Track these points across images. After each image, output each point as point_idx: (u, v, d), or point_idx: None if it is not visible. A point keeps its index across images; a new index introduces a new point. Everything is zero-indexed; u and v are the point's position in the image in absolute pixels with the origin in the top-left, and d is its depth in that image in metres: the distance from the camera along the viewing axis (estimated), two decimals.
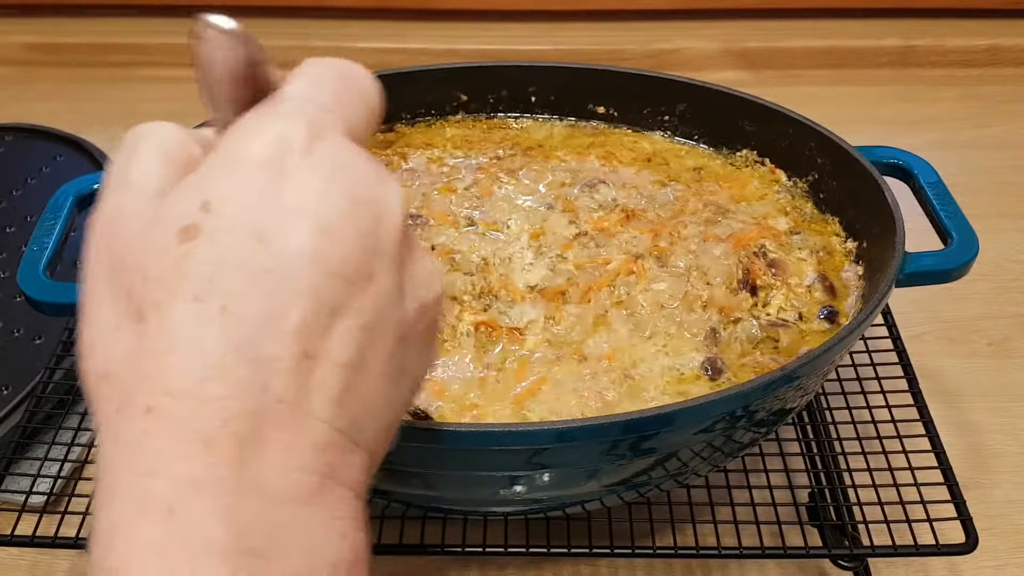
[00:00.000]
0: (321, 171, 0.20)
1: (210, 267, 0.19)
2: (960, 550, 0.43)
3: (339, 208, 0.20)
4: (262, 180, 0.20)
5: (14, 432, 0.49)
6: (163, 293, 0.19)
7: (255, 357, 0.18)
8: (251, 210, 0.19)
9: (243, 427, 0.17)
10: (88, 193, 0.50)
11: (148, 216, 0.20)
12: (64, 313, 0.47)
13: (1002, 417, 0.55)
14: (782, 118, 0.54)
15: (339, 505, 0.19)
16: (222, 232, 0.19)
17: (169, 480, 0.17)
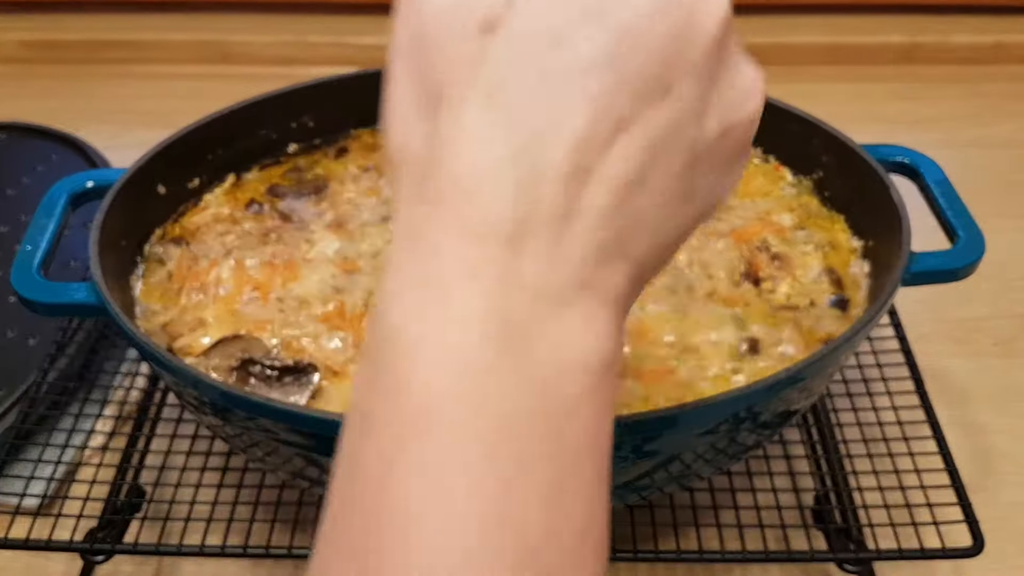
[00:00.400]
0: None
1: (505, 67, 0.19)
2: (966, 553, 0.42)
3: (644, 9, 0.19)
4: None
5: (8, 434, 0.49)
6: (458, 86, 0.19)
7: (534, 162, 0.18)
8: (553, 9, 0.19)
9: (513, 226, 0.18)
10: (82, 191, 0.50)
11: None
12: (58, 313, 0.46)
13: (1008, 418, 0.54)
14: (787, 115, 0.54)
15: (597, 310, 0.19)
16: (521, 31, 0.19)
17: (447, 260, 0.18)
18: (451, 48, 0.19)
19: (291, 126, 0.58)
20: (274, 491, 0.47)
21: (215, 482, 0.47)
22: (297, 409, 0.37)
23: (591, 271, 0.19)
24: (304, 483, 0.42)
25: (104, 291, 0.42)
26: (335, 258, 0.50)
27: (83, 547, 0.43)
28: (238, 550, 0.43)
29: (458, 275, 0.18)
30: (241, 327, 0.45)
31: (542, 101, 0.19)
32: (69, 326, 0.54)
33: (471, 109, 0.19)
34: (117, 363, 0.55)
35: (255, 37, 0.90)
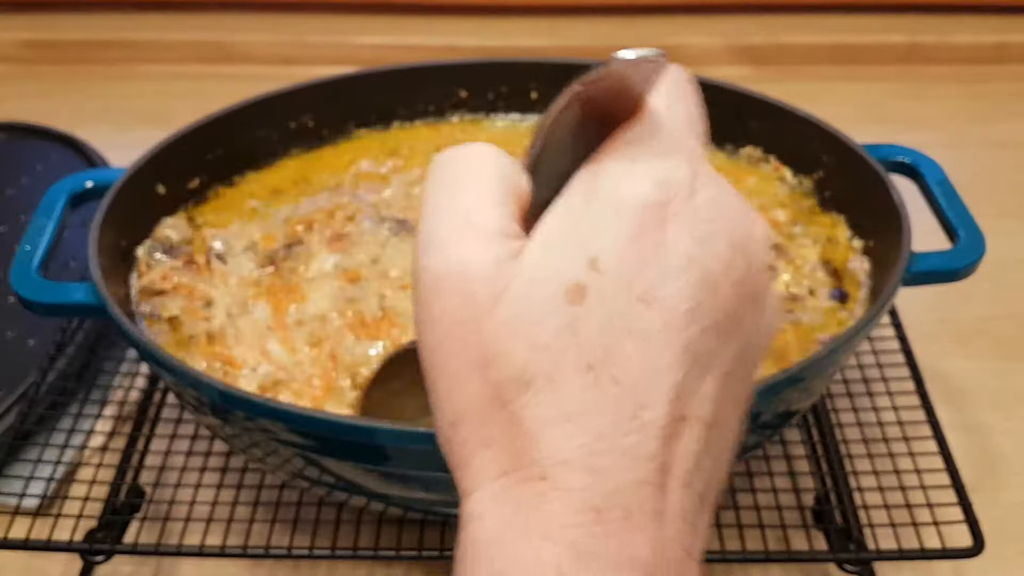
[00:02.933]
0: (702, 216, 0.19)
1: (602, 335, 0.18)
2: (966, 554, 0.42)
3: (719, 257, 0.19)
4: (647, 230, 0.18)
5: (7, 434, 0.49)
6: (551, 361, 0.18)
7: (641, 424, 0.18)
8: (637, 266, 0.18)
9: (629, 498, 0.18)
10: (81, 191, 0.50)
11: (510, 271, 0.19)
12: (57, 313, 0.46)
13: (1010, 419, 0.54)
14: (787, 115, 0.54)
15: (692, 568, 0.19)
16: (613, 294, 0.18)
17: (561, 546, 0.17)
18: (534, 328, 0.18)
19: (291, 126, 0.58)
20: (274, 491, 0.46)
21: (215, 482, 0.47)
22: (296, 410, 0.37)
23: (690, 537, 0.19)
24: (304, 483, 0.42)
25: (103, 291, 0.42)
26: (335, 272, 0.49)
27: (82, 547, 0.43)
28: (238, 550, 0.43)
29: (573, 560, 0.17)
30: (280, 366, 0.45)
31: (643, 359, 0.18)
32: (68, 326, 0.54)
33: (574, 384, 0.18)
34: (116, 363, 0.55)
35: (255, 37, 0.90)
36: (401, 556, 0.43)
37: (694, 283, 0.18)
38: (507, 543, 0.18)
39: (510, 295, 0.18)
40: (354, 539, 0.44)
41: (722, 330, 0.19)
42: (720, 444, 0.20)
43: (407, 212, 0.53)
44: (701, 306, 0.18)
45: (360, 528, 0.45)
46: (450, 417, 0.19)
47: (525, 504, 0.18)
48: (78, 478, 0.48)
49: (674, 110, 0.21)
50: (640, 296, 0.18)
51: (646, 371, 0.18)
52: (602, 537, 0.17)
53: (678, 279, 0.18)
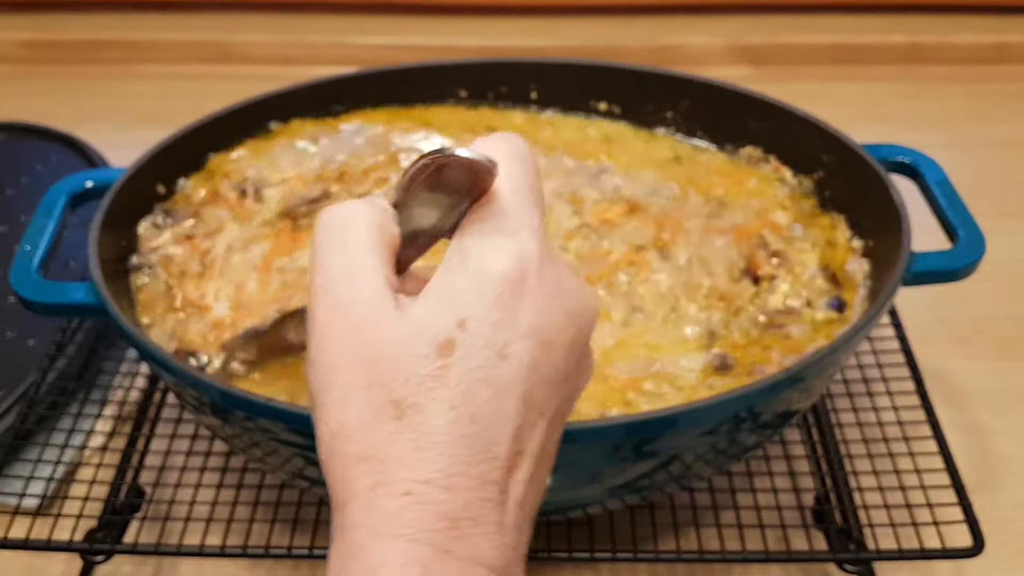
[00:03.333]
0: (547, 289, 0.23)
1: (465, 382, 0.22)
2: (966, 554, 0.42)
3: (558, 324, 0.23)
4: (507, 298, 0.23)
5: (7, 434, 0.49)
6: (422, 397, 0.22)
7: (490, 456, 0.22)
8: (497, 328, 0.23)
9: (477, 511, 0.22)
10: (81, 191, 0.50)
11: (393, 317, 0.23)
12: (57, 313, 0.46)
13: (1010, 419, 0.54)
14: (787, 115, 0.54)
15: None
16: (475, 349, 0.22)
17: (425, 545, 0.21)
18: (414, 369, 0.23)
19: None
20: (273, 491, 0.47)
21: (214, 482, 0.47)
22: (296, 409, 0.37)
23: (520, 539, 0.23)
24: (304, 483, 0.42)
25: (103, 291, 0.42)
26: None
27: (82, 547, 0.43)
28: (237, 550, 0.43)
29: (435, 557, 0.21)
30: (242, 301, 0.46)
31: (495, 404, 0.22)
32: (68, 326, 0.54)
33: (438, 419, 0.22)
34: (116, 363, 0.55)
35: (255, 37, 0.90)
36: None
37: (537, 344, 0.23)
38: (378, 545, 0.22)
39: (395, 337, 0.23)
40: None
41: (553, 383, 0.24)
42: (543, 471, 0.24)
43: None
44: (540, 363, 0.23)
45: None
46: (334, 428, 0.23)
47: (393, 514, 0.22)
48: (78, 478, 0.48)
49: (519, 191, 0.24)
50: (499, 353, 0.23)
51: (498, 414, 0.22)
52: (457, 540, 0.22)
53: (526, 340, 0.23)
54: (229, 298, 0.47)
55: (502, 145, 0.25)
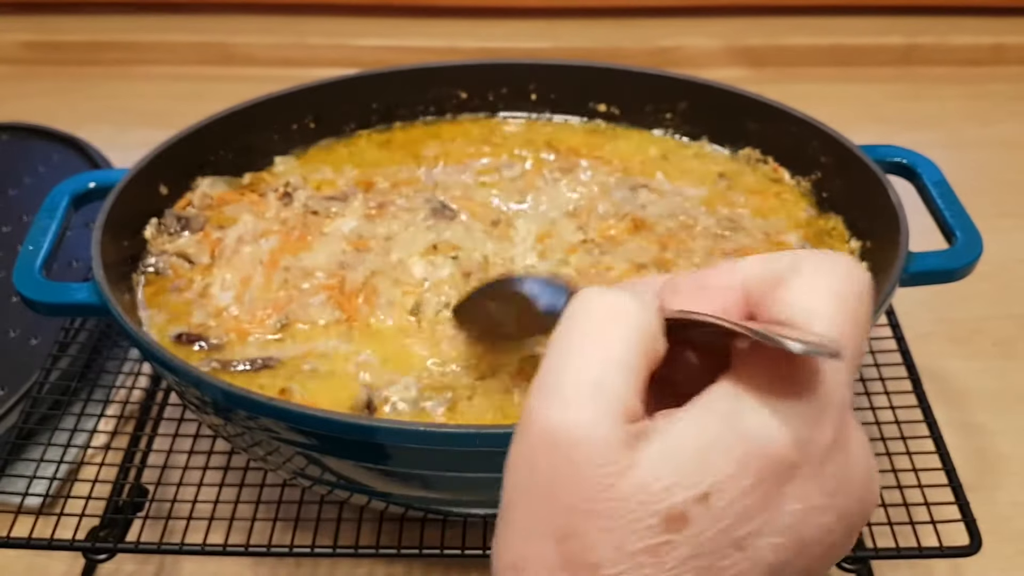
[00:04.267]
0: (826, 489, 0.19)
1: (686, 566, 0.18)
2: (964, 552, 0.42)
3: (824, 527, 0.19)
4: (768, 483, 0.18)
5: (10, 433, 0.49)
6: (631, 572, 0.18)
7: None
8: (744, 514, 0.18)
9: None
10: (84, 192, 0.50)
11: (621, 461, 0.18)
12: (60, 313, 0.47)
13: (1007, 418, 0.54)
14: (785, 116, 0.54)
15: None
16: (709, 530, 0.18)
17: None
18: (627, 536, 0.18)
19: (292, 127, 0.59)
20: (276, 490, 0.47)
21: (217, 481, 0.47)
22: (299, 408, 0.37)
23: None
24: (306, 482, 0.43)
25: (106, 291, 0.42)
26: (350, 235, 0.51)
27: (85, 546, 0.44)
28: (240, 549, 0.43)
29: None
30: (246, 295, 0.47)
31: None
32: (71, 326, 0.54)
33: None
34: (119, 363, 0.55)
35: (256, 38, 0.91)
36: (402, 554, 0.44)
37: (790, 546, 0.19)
38: None
39: (614, 489, 0.18)
40: (355, 537, 0.44)
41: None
42: None
43: (458, 201, 0.54)
44: (787, 564, 0.19)
45: (361, 526, 0.45)
46: (512, 559, 0.20)
47: None
48: (81, 477, 0.49)
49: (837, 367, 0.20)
50: (736, 542, 0.18)
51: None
52: None
53: (777, 537, 0.18)
54: (234, 288, 0.48)
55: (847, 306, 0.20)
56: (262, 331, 0.46)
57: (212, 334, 0.46)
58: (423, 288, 0.48)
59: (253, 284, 0.48)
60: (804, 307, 0.20)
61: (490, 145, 0.59)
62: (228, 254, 0.50)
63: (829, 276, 0.20)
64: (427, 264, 0.49)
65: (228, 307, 0.47)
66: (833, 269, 0.20)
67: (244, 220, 0.52)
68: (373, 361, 0.44)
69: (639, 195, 0.54)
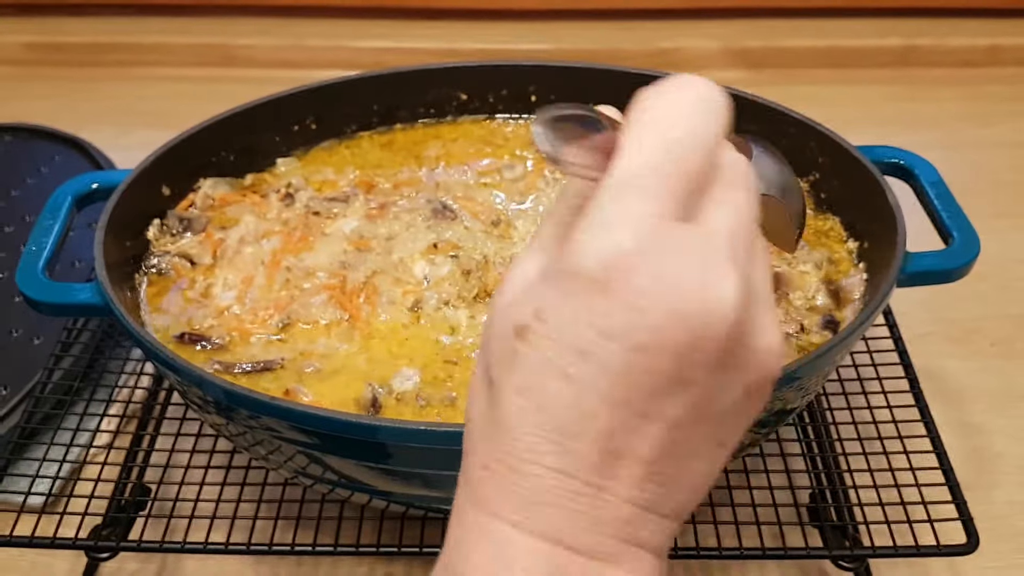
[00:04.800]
0: (642, 292, 0.21)
1: (533, 370, 0.22)
2: (961, 551, 0.42)
3: (656, 327, 0.21)
4: (590, 297, 0.21)
5: (12, 432, 0.49)
6: (500, 374, 0.23)
7: (565, 450, 0.22)
8: (575, 326, 0.21)
9: (553, 499, 0.22)
10: (87, 193, 0.50)
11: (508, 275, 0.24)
12: (63, 313, 0.47)
13: (1004, 418, 0.54)
14: (783, 117, 0.54)
15: (640, 564, 0.23)
16: (548, 341, 0.22)
17: (502, 521, 0.22)
18: (495, 343, 0.23)
19: (294, 128, 0.59)
20: (277, 489, 0.47)
21: (219, 480, 0.48)
22: (301, 407, 0.37)
23: (633, 531, 0.22)
24: (307, 481, 0.43)
25: (108, 291, 0.42)
26: (351, 235, 0.51)
27: (88, 544, 0.44)
28: (241, 547, 0.44)
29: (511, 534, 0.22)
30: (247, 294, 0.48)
31: (569, 399, 0.21)
32: (74, 326, 0.55)
33: (507, 400, 0.22)
34: (122, 362, 0.55)
35: (257, 40, 0.91)
36: (403, 552, 0.44)
37: (625, 348, 0.21)
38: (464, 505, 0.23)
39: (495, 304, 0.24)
40: (356, 535, 0.45)
41: (659, 390, 0.21)
42: (683, 474, 0.23)
43: (459, 201, 0.54)
44: (630, 367, 0.21)
45: (362, 525, 0.45)
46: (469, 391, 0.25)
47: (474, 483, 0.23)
48: (83, 476, 0.49)
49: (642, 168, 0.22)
50: (576, 350, 0.21)
51: (574, 411, 0.22)
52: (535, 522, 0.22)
53: (611, 343, 0.21)
54: (236, 288, 0.48)
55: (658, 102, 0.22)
56: (264, 331, 0.46)
57: (214, 334, 0.46)
58: (423, 287, 0.48)
59: (255, 284, 0.49)
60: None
61: (491, 146, 0.59)
62: (230, 254, 0.50)
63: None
64: (427, 263, 0.49)
65: (230, 307, 0.47)
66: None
67: (246, 221, 0.52)
68: (376, 359, 0.44)
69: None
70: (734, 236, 0.22)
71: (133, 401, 0.53)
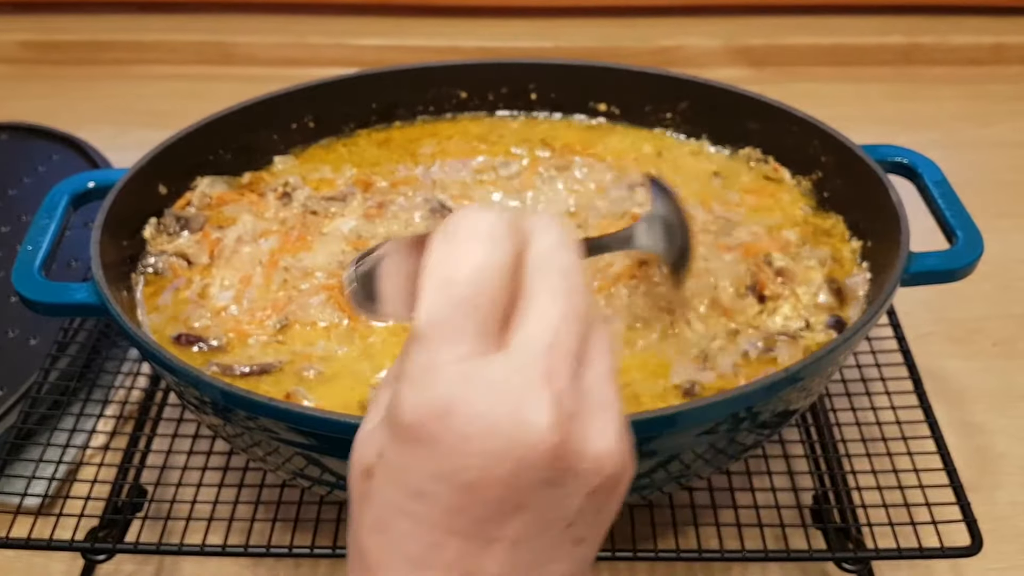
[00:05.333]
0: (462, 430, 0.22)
1: (382, 508, 0.24)
2: (965, 552, 0.42)
3: (477, 466, 0.23)
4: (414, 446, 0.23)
5: (9, 433, 0.49)
6: (357, 512, 0.25)
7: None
8: (408, 470, 0.23)
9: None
10: (83, 192, 0.50)
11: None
12: (59, 313, 0.47)
13: (1007, 418, 0.54)
14: (786, 116, 0.54)
15: None
16: (389, 481, 0.24)
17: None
18: (352, 482, 0.25)
19: (292, 127, 0.59)
20: (275, 490, 0.47)
21: (216, 482, 0.47)
22: (298, 408, 0.37)
23: None
24: (305, 482, 0.42)
25: (105, 291, 0.42)
26: (349, 235, 0.51)
27: (84, 546, 0.44)
28: (239, 549, 0.43)
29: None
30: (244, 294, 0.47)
31: (415, 538, 0.24)
32: (70, 326, 0.54)
33: (366, 536, 0.24)
34: (118, 363, 0.55)
35: (256, 38, 0.91)
36: None
37: (453, 488, 0.23)
38: None
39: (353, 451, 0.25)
40: None
41: (495, 514, 0.23)
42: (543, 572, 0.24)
43: (456, 199, 0.54)
44: (463, 506, 0.23)
45: None
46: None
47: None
48: (80, 477, 0.48)
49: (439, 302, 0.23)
50: (413, 491, 0.23)
51: (421, 545, 0.24)
52: None
53: (439, 484, 0.23)
54: (233, 288, 0.48)
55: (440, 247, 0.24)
56: (262, 332, 0.46)
57: (211, 335, 0.46)
58: None
59: (252, 284, 0.48)
60: None
61: (486, 143, 0.59)
62: (227, 254, 0.50)
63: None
64: None
65: (227, 307, 0.47)
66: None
67: (243, 220, 0.52)
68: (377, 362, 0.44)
69: (636, 194, 0.54)
70: (550, 348, 0.23)
71: (130, 402, 0.53)
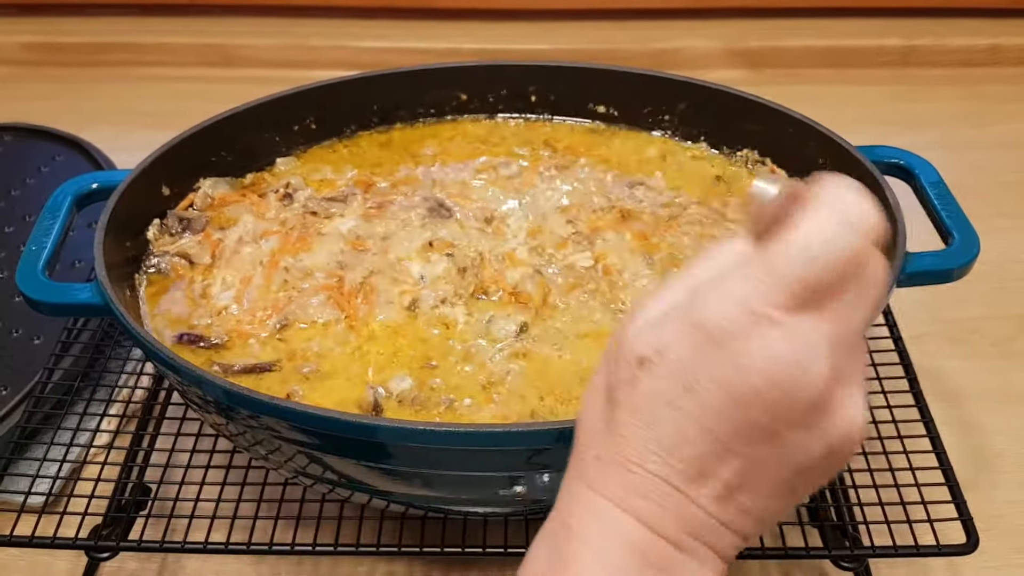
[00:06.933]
0: (748, 355, 0.25)
1: (648, 395, 0.26)
2: (961, 550, 0.42)
3: (754, 387, 0.25)
4: (706, 347, 0.26)
5: (12, 432, 0.49)
6: (620, 396, 0.27)
7: (665, 462, 0.26)
8: (689, 366, 0.26)
9: (650, 494, 0.27)
10: (87, 192, 0.50)
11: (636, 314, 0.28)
12: (63, 313, 0.47)
13: (1003, 417, 0.55)
14: (783, 117, 0.54)
15: (710, 561, 0.27)
16: (664, 373, 0.26)
17: (607, 500, 0.27)
18: (620, 364, 0.27)
19: (294, 128, 0.59)
20: (277, 488, 0.47)
21: (219, 480, 0.48)
22: (301, 407, 0.37)
23: (707, 535, 0.27)
24: (307, 481, 0.43)
25: (109, 291, 0.42)
26: (347, 235, 0.52)
27: (88, 544, 0.44)
28: (241, 547, 0.44)
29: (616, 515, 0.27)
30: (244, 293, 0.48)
31: (674, 423, 0.26)
32: (74, 326, 0.55)
33: (624, 417, 0.27)
34: (122, 362, 0.55)
35: (258, 40, 0.91)
36: (403, 552, 0.44)
37: (725, 394, 0.25)
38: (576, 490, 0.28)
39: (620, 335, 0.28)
40: (356, 535, 0.45)
41: (747, 436, 0.26)
42: (756, 505, 0.27)
43: (455, 199, 0.54)
44: (725, 412, 0.26)
45: (362, 525, 0.45)
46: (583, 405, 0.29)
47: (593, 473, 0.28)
48: (83, 476, 0.49)
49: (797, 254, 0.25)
50: (685, 385, 0.26)
51: (675, 433, 0.26)
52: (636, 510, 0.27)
53: (713, 385, 0.26)
54: (234, 288, 0.48)
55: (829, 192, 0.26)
56: (262, 331, 0.46)
57: (213, 334, 0.46)
58: (420, 286, 0.48)
59: (253, 284, 0.49)
60: None
61: (488, 144, 0.60)
62: (228, 255, 0.50)
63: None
64: (423, 262, 0.49)
65: (228, 307, 0.47)
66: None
67: (244, 221, 0.52)
68: (375, 360, 0.44)
69: (636, 192, 0.54)
70: (838, 335, 0.26)
71: (133, 401, 0.53)
